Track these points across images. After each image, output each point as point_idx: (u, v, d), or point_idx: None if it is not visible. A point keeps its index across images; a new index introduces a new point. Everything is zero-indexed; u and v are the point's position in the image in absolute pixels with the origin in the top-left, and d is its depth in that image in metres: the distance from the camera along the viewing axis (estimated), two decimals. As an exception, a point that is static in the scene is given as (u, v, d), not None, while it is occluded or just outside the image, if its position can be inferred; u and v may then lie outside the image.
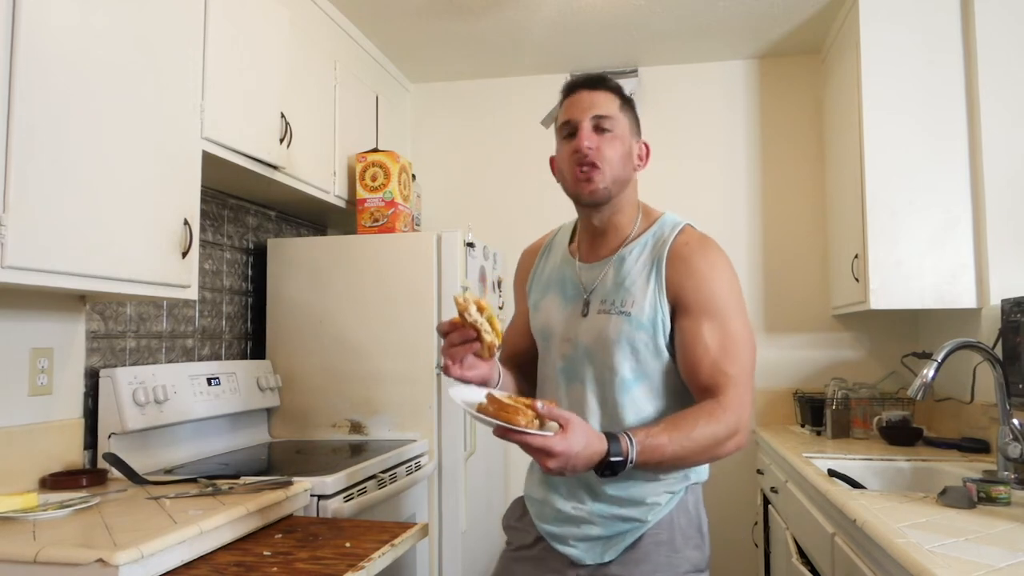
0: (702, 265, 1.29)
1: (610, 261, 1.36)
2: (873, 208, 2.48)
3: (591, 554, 1.32)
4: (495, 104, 3.49)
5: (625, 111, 1.37)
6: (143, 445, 2.01)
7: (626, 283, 1.32)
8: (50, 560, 1.20)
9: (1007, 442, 1.74)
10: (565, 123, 1.36)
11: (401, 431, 2.52)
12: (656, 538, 1.30)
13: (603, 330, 1.31)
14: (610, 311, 1.32)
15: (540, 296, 1.45)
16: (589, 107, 1.33)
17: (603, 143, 1.32)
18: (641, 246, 1.35)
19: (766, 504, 2.69)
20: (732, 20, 2.88)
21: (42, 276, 1.40)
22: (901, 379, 2.89)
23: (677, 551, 1.30)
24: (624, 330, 1.29)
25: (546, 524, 1.37)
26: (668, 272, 1.30)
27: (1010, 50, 2.34)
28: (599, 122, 1.32)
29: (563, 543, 1.34)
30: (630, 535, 1.30)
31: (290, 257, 2.66)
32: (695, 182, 3.25)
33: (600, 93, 1.35)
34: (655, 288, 1.30)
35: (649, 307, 1.29)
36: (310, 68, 2.52)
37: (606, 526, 1.31)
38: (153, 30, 1.68)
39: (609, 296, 1.33)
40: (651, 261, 1.32)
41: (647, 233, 1.36)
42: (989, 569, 1.10)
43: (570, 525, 1.34)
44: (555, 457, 1.08)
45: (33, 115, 1.36)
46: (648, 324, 1.29)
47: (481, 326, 1.20)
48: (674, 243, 1.32)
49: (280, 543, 1.51)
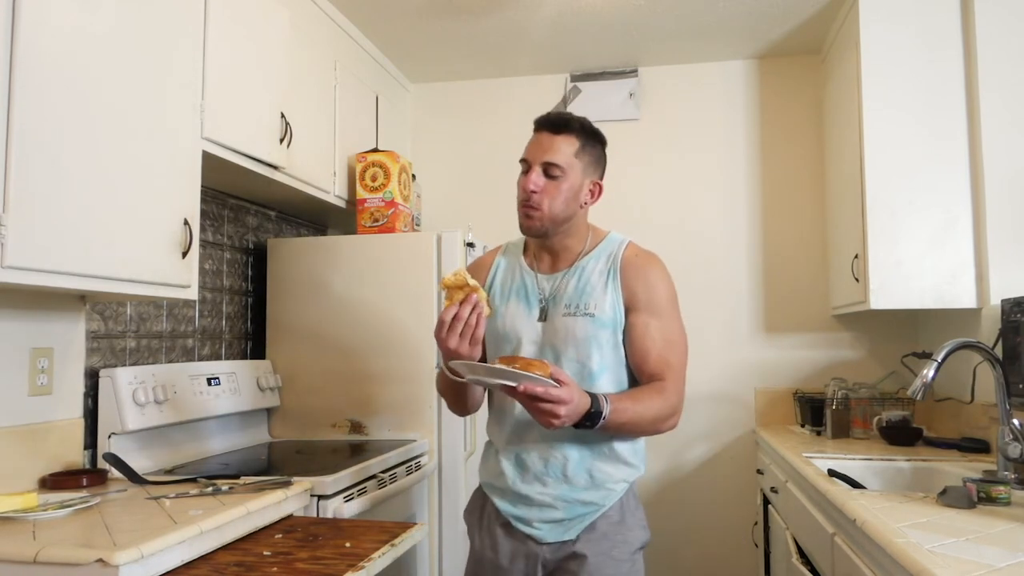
0: (650, 274, 1.52)
1: (569, 272, 1.55)
2: (873, 208, 2.48)
3: (554, 533, 1.48)
4: (495, 104, 3.49)
5: (583, 155, 1.52)
6: (143, 445, 2.01)
7: (587, 289, 1.51)
8: (50, 560, 1.20)
9: (1007, 442, 1.74)
10: (523, 159, 1.55)
11: (401, 431, 2.52)
12: (610, 519, 1.49)
13: (571, 330, 1.49)
14: (575, 313, 1.50)
15: (502, 303, 1.59)
16: (544, 152, 1.50)
17: (549, 187, 1.50)
18: (596, 259, 1.55)
19: (766, 504, 2.69)
20: (732, 20, 2.88)
21: (42, 276, 1.40)
22: (901, 379, 2.89)
23: (630, 529, 1.50)
24: (590, 329, 1.48)
25: (511, 507, 1.53)
26: (623, 278, 1.51)
27: (1010, 50, 2.34)
28: (548, 168, 1.50)
29: (528, 524, 1.50)
30: (588, 517, 1.48)
31: (290, 257, 2.66)
32: (695, 182, 3.25)
33: (560, 138, 1.51)
34: (613, 292, 1.50)
35: (609, 308, 1.49)
36: (310, 68, 2.52)
37: (567, 509, 1.48)
38: (153, 30, 1.68)
39: (572, 301, 1.51)
40: (607, 270, 1.53)
41: (598, 248, 1.57)
42: (989, 569, 1.10)
43: (533, 508, 1.50)
44: (567, 405, 1.29)
45: (33, 115, 1.36)
46: (609, 323, 1.49)
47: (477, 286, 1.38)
48: (624, 255, 1.55)
49: (280, 543, 1.51)
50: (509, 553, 1.52)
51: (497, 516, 1.55)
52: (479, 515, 1.61)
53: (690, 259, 3.17)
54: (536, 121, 1.56)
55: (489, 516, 1.57)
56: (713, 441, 3.16)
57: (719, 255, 3.21)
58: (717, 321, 3.17)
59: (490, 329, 1.58)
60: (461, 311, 1.36)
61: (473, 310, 1.36)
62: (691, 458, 3.17)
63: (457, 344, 1.37)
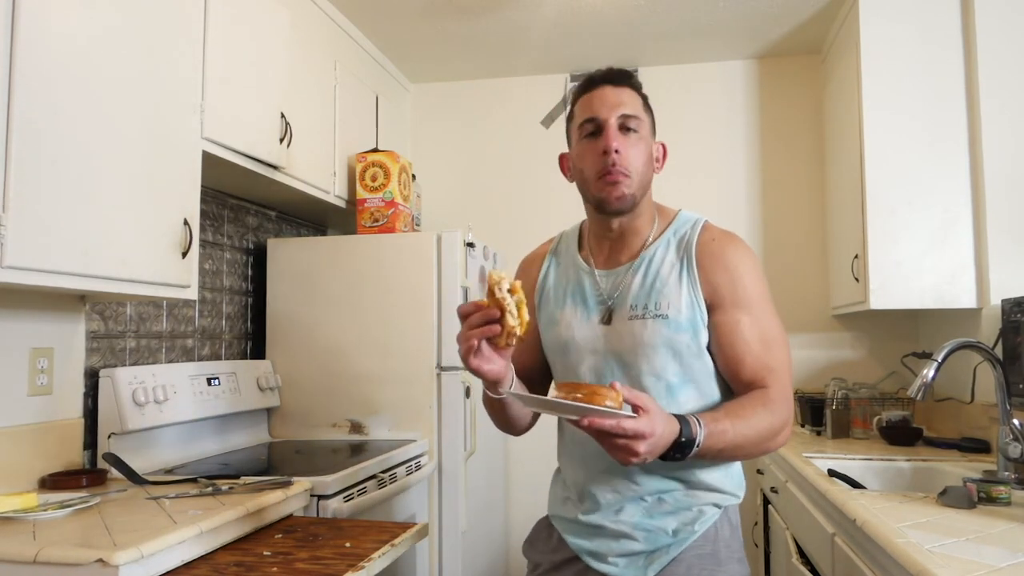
0: (733, 259, 1.26)
1: (633, 265, 1.30)
2: (873, 208, 2.48)
3: (632, 569, 1.25)
4: (495, 104, 3.49)
5: (648, 111, 1.31)
6: (143, 445, 2.01)
7: (656, 285, 1.26)
8: (50, 560, 1.19)
9: (1007, 442, 1.74)
10: (589, 120, 1.26)
11: (401, 431, 2.52)
12: (700, 551, 1.24)
13: (639, 336, 1.24)
14: (644, 316, 1.25)
15: (555, 308, 1.36)
16: (616, 104, 1.25)
17: (629, 146, 1.24)
18: (664, 246, 1.30)
19: (766, 504, 2.69)
20: (732, 20, 2.88)
21: (42, 276, 1.39)
22: (901, 379, 2.89)
23: (721, 564, 1.24)
24: (663, 333, 1.23)
25: (581, 540, 1.30)
26: (700, 268, 1.25)
27: (1010, 50, 2.34)
28: (626, 121, 1.25)
29: (601, 560, 1.27)
30: (674, 548, 1.24)
31: (290, 257, 2.66)
32: (695, 182, 3.25)
33: (626, 90, 1.27)
34: (689, 287, 1.25)
35: (686, 307, 1.24)
36: (310, 68, 2.52)
37: (648, 540, 1.25)
38: (153, 30, 1.68)
39: (640, 301, 1.26)
40: (679, 260, 1.27)
41: (667, 233, 1.31)
42: (989, 569, 1.10)
43: (609, 539, 1.26)
44: (646, 439, 1.03)
45: (33, 115, 1.36)
46: (688, 325, 1.24)
47: (507, 306, 1.08)
48: (700, 239, 1.28)
49: (280, 543, 1.51)
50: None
51: (565, 549, 1.32)
52: (543, 548, 1.37)
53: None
54: (588, 77, 1.30)
55: (555, 550, 1.34)
56: (713, 441, 3.15)
57: (719, 255, 3.21)
58: (717, 321, 3.16)
59: (546, 339, 1.37)
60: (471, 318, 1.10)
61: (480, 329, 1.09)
62: (691, 458, 3.16)
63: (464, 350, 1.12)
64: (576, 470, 1.33)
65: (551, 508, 1.40)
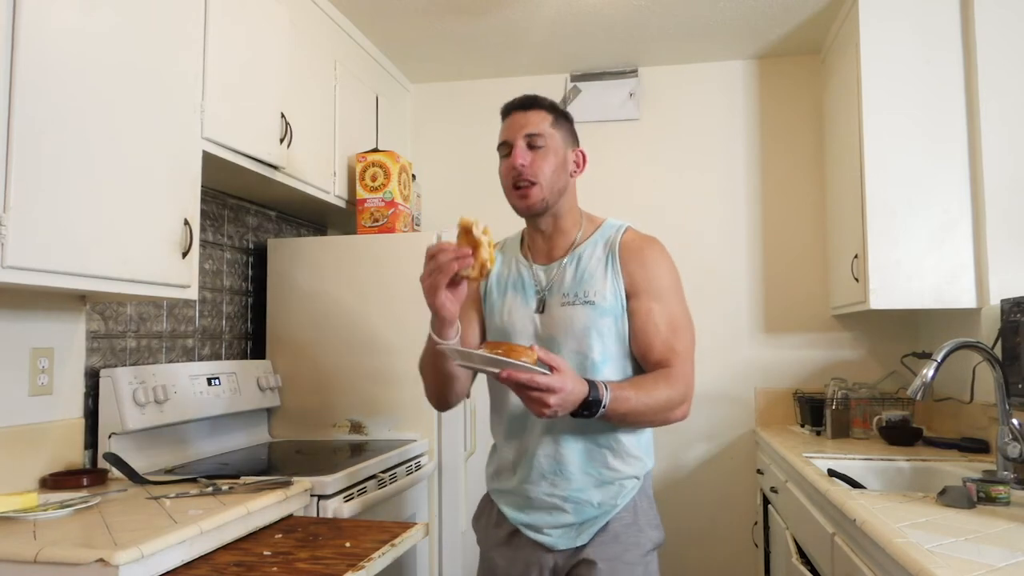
0: (649, 256, 1.47)
1: (565, 261, 1.51)
2: (873, 208, 2.48)
3: (565, 539, 1.44)
4: (495, 104, 3.45)
5: (558, 126, 1.50)
6: (143, 445, 2.01)
7: (585, 276, 1.47)
8: (50, 560, 1.20)
9: (1007, 442, 1.74)
10: (502, 144, 1.49)
11: (401, 431, 2.52)
12: (623, 520, 1.44)
13: (571, 319, 1.44)
14: (574, 302, 1.45)
15: (499, 297, 1.55)
16: (522, 126, 1.47)
17: (536, 158, 1.45)
18: (593, 245, 1.51)
19: (766, 504, 2.69)
20: (732, 20, 2.88)
21: (42, 276, 1.40)
22: (901, 379, 2.89)
23: (642, 531, 1.45)
24: (591, 317, 1.43)
25: (520, 514, 1.48)
26: (622, 262, 1.46)
27: (1010, 50, 2.34)
28: (531, 140, 1.46)
29: (538, 532, 1.45)
30: (600, 519, 1.43)
31: (290, 257, 2.66)
32: (694, 182, 3.24)
33: (532, 113, 1.48)
34: (613, 278, 1.46)
35: (610, 295, 1.44)
36: (310, 68, 2.52)
37: (577, 512, 1.43)
38: (153, 30, 1.68)
39: (571, 290, 1.46)
40: (605, 256, 1.48)
41: (595, 235, 1.52)
42: (988, 569, 1.10)
43: (543, 513, 1.45)
44: (557, 394, 1.21)
45: (33, 115, 1.36)
46: (610, 310, 1.44)
47: (485, 241, 1.27)
48: (623, 239, 1.50)
49: (280, 543, 1.51)
50: (519, 562, 1.47)
51: (506, 524, 1.50)
52: (486, 523, 1.56)
53: (690, 259, 3.15)
54: (503, 107, 1.53)
55: (497, 524, 1.52)
56: (713, 441, 3.16)
57: (719, 255, 3.21)
58: (717, 321, 3.16)
59: (489, 324, 1.56)
60: (445, 252, 1.28)
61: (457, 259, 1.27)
62: (691, 458, 3.17)
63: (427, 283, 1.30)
64: (510, 443, 1.51)
65: (489, 483, 1.58)
